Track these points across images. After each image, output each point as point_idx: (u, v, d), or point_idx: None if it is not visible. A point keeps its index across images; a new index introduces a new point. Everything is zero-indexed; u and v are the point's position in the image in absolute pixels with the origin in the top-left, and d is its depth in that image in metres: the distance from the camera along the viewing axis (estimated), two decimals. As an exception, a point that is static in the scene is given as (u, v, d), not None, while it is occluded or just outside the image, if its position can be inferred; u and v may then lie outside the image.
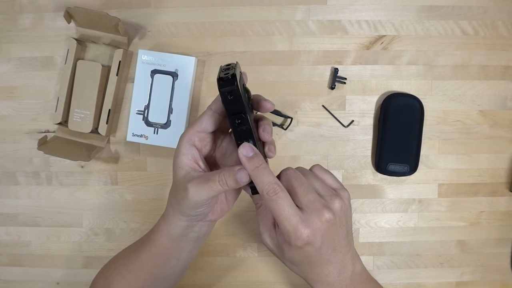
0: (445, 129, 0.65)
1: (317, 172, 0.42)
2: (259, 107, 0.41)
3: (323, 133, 0.65)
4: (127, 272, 0.47)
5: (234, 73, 0.35)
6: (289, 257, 0.40)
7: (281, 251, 0.40)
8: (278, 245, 0.40)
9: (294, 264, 0.41)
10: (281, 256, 0.41)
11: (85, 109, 0.63)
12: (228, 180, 0.38)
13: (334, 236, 0.39)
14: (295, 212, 0.37)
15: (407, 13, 0.64)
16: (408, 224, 0.66)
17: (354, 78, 0.65)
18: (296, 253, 0.39)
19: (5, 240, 0.67)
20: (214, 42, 0.64)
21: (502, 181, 0.66)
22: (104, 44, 0.64)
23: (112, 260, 0.51)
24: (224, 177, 0.38)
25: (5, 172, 0.66)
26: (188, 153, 0.40)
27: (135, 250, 0.48)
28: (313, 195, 0.38)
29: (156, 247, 0.45)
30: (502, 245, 0.66)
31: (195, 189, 0.38)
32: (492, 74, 0.64)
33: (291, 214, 0.37)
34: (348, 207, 0.41)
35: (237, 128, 0.37)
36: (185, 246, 0.45)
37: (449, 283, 0.66)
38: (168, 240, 0.44)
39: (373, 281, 0.46)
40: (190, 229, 0.43)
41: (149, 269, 0.46)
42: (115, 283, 0.48)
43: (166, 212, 0.44)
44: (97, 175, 0.66)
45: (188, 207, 0.40)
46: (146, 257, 0.46)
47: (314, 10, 0.64)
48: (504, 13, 0.64)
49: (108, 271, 0.50)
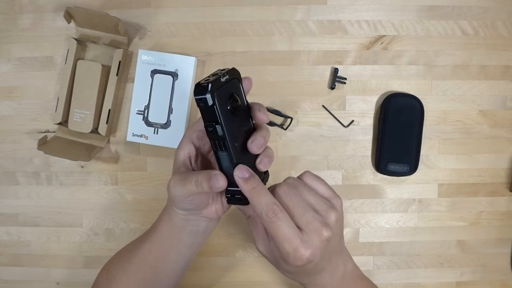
0: (445, 129, 0.65)
1: (309, 182, 0.42)
2: (254, 117, 0.40)
3: (323, 133, 0.65)
4: (129, 265, 0.48)
5: (212, 81, 0.34)
6: (285, 268, 0.41)
7: (277, 263, 0.41)
8: (273, 256, 0.41)
9: (289, 273, 0.42)
10: (276, 265, 0.42)
11: (85, 109, 0.63)
12: (203, 183, 0.38)
13: (331, 249, 0.40)
14: (295, 233, 0.37)
15: (407, 13, 0.64)
16: (408, 224, 0.66)
17: (354, 78, 0.65)
18: (293, 269, 0.40)
19: (5, 240, 0.67)
20: (214, 42, 0.64)
21: (502, 181, 0.66)
22: (104, 44, 0.64)
23: (115, 255, 0.52)
24: (199, 180, 0.38)
25: (5, 172, 0.66)
26: (185, 148, 0.42)
27: (137, 242, 0.49)
28: (310, 213, 0.38)
29: (157, 236, 0.46)
30: (502, 245, 0.66)
31: (173, 184, 0.40)
32: (492, 74, 0.64)
33: (292, 235, 0.36)
34: (341, 215, 0.41)
35: (210, 136, 0.37)
36: (184, 239, 0.46)
37: (449, 283, 0.66)
38: (168, 230, 0.45)
39: (365, 278, 0.47)
40: (187, 222, 0.44)
41: (150, 260, 0.47)
42: (117, 278, 0.48)
43: (167, 203, 0.46)
44: (97, 175, 0.66)
45: (172, 199, 0.42)
46: (147, 247, 0.47)
47: (314, 10, 0.64)
48: (504, 13, 0.64)
49: (111, 266, 0.51)
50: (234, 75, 0.38)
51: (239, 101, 0.38)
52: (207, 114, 0.36)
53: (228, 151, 0.37)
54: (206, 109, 0.35)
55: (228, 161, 0.37)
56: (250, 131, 0.40)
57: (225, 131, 0.36)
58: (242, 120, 0.39)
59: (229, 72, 0.37)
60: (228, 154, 0.37)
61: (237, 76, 0.39)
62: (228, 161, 0.37)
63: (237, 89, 0.39)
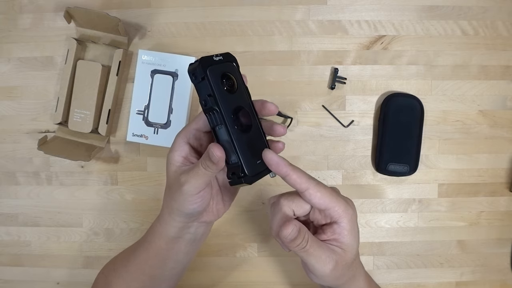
0: (445, 129, 0.65)
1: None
2: (262, 108, 0.40)
3: (323, 133, 0.65)
4: (126, 274, 0.47)
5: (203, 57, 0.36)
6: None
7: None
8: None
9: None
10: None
11: (85, 109, 0.63)
12: (207, 161, 0.37)
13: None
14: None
15: (407, 13, 0.64)
16: (408, 224, 0.66)
17: (354, 78, 0.65)
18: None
19: (5, 240, 0.67)
20: (214, 42, 0.64)
21: (502, 181, 0.66)
22: (104, 44, 0.64)
23: (111, 261, 0.51)
24: (204, 161, 0.37)
25: (5, 172, 0.66)
26: (181, 150, 0.40)
27: (133, 252, 0.48)
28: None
29: (152, 249, 0.45)
30: (502, 245, 0.66)
31: (186, 178, 0.38)
32: (492, 74, 0.64)
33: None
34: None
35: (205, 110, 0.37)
36: (181, 248, 0.45)
37: (449, 283, 0.66)
38: (163, 242, 0.44)
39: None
40: (186, 230, 0.43)
41: (147, 270, 0.46)
42: (113, 285, 0.48)
43: (161, 214, 0.44)
44: (97, 175, 0.66)
45: (183, 201, 0.39)
46: (143, 258, 0.46)
47: (314, 10, 0.64)
48: (504, 13, 0.64)
49: (108, 272, 0.50)
50: (229, 58, 0.39)
51: (235, 81, 0.39)
52: (201, 88, 0.37)
53: (224, 124, 0.37)
54: (199, 83, 0.37)
55: (226, 134, 0.37)
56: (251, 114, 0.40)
57: (220, 103, 0.37)
58: (240, 101, 0.39)
59: (223, 54, 0.38)
60: (225, 128, 0.37)
61: (233, 60, 0.40)
62: (225, 134, 0.37)
63: (233, 71, 0.39)
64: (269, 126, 0.40)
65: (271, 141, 0.41)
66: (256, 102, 0.40)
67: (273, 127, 0.40)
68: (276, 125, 0.40)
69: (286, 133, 0.41)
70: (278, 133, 0.40)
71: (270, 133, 0.41)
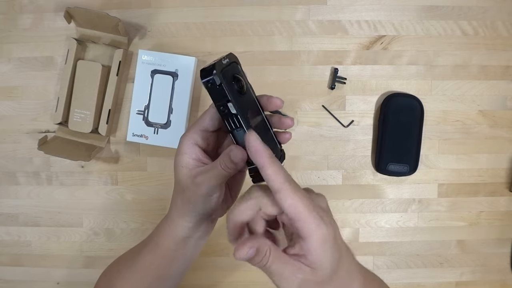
0: (445, 129, 0.65)
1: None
2: (268, 103, 0.41)
3: (323, 133, 0.65)
4: (131, 275, 0.47)
5: (215, 62, 0.36)
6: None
7: None
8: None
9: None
10: None
11: (85, 109, 0.63)
12: (226, 161, 0.37)
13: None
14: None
15: (407, 13, 0.64)
16: (408, 224, 0.66)
17: (354, 78, 0.65)
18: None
19: (5, 240, 0.67)
20: (214, 42, 0.64)
21: (502, 181, 0.66)
22: (104, 44, 0.64)
23: (114, 263, 0.51)
24: (223, 160, 0.37)
25: (5, 172, 0.66)
26: (191, 152, 0.40)
27: (138, 253, 0.48)
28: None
29: (160, 250, 0.45)
30: (502, 245, 0.66)
31: (204, 179, 0.38)
32: (492, 74, 0.64)
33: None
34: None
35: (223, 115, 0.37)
36: (189, 248, 0.45)
37: (449, 283, 0.66)
38: (173, 243, 0.44)
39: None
40: (196, 229, 0.43)
41: (154, 270, 0.46)
42: (117, 286, 0.47)
43: (170, 215, 0.44)
44: (97, 175, 0.66)
45: (200, 202, 0.39)
46: (150, 259, 0.46)
47: (314, 10, 0.64)
48: (504, 13, 0.64)
49: (110, 273, 0.50)
50: (232, 58, 0.40)
51: (243, 81, 0.40)
52: (217, 94, 0.37)
53: (242, 127, 0.38)
54: (215, 90, 0.36)
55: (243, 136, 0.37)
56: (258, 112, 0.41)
57: (237, 108, 0.37)
58: (249, 101, 0.40)
59: (228, 56, 0.39)
60: (243, 131, 0.38)
61: (236, 60, 0.40)
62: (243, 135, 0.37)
63: (239, 71, 0.40)
64: (277, 120, 0.41)
65: (278, 132, 0.42)
66: (261, 97, 0.41)
67: (281, 120, 0.41)
68: (284, 118, 0.41)
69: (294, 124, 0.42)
70: (287, 126, 0.41)
71: (279, 126, 0.41)
